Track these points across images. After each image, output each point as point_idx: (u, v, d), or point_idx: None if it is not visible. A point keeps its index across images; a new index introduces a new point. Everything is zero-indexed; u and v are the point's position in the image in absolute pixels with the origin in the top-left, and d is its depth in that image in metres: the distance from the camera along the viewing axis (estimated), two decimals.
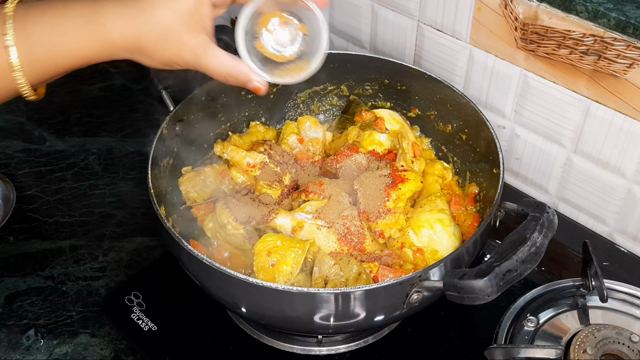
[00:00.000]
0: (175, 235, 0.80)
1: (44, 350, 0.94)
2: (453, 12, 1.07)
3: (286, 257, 0.85)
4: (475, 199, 1.00)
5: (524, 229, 0.77)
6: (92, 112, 1.37)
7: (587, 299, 0.92)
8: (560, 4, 0.93)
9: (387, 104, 1.13)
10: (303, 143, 1.09)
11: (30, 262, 1.06)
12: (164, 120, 0.96)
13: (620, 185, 1.01)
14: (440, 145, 1.10)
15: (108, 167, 1.25)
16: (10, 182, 1.17)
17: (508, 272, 0.72)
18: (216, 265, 0.76)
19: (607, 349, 0.83)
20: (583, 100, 0.98)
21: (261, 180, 1.00)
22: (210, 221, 0.97)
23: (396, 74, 1.09)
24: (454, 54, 1.12)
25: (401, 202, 0.93)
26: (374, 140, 1.04)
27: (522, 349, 0.83)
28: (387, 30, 1.21)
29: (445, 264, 0.77)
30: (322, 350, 0.91)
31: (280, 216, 0.92)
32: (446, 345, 0.93)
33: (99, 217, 1.15)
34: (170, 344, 0.91)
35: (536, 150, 1.09)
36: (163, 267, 1.02)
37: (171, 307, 0.95)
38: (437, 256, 0.90)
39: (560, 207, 1.12)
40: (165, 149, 0.96)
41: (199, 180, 1.01)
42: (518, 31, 1.00)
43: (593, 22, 0.90)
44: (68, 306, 1.00)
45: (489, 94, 1.11)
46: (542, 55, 0.99)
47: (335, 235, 0.90)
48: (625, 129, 0.95)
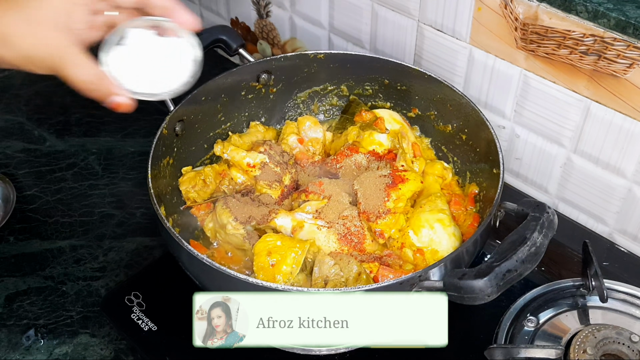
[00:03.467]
0: (175, 235, 0.80)
1: (44, 350, 0.94)
2: (453, 12, 1.07)
3: (286, 257, 0.85)
4: (475, 199, 1.00)
5: (524, 229, 0.77)
6: (92, 112, 1.37)
7: (587, 299, 0.92)
8: (560, 4, 0.93)
9: (387, 104, 1.13)
10: (303, 143, 1.09)
11: (30, 262, 1.06)
12: (164, 120, 0.96)
13: (620, 185, 1.01)
14: (440, 145, 1.10)
15: (108, 167, 1.25)
16: (10, 182, 1.17)
17: (508, 272, 0.72)
18: (216, 265, 0.76)
19: (607, 349, 0.83)
20: (583, 100, 0.98)
21: (261, 180, 1.00)
22: (210, 221, 0.97)
23: (396, 74, 1.09)
24: (454, 54, 1.12)
25: (401, 202, 0.93)
26: (374, 140, 1.04)
27: (522, 349, 0.83)
28: (387, 30, 1.21)
29: (445, 264, 0.77)
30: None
31: (280, 216, 0.92)
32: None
33: (99, 217, 1.15)
34: (170, 344, 0.91)
35: (536, 150, 1.09)
36: (163, 267, 1.02)
37: (171, 307, 0.95)
38: (437, 256, 0.90)
39: (560, 207, 1.12)
40: (165, 149, 0.96)
41: (199, 180, 1.01)
42: (518, 31, 1.00)
43: (593, 22, 0.90)
44: (68, 306, 1.00)
45: (489, 94, 1.11)
46: (542, 55, 0.99)
47: (335, 235, 0.90)
48: (625, 129, 0.95)
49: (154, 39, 0.75)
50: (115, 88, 0.72)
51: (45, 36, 0.68)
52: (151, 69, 0.75)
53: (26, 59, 0.69)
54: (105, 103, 0.72)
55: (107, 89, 0.71)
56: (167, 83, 0.76)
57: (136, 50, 0.74)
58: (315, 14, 1.29)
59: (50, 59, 0.69)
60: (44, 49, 0.68)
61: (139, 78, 0.75)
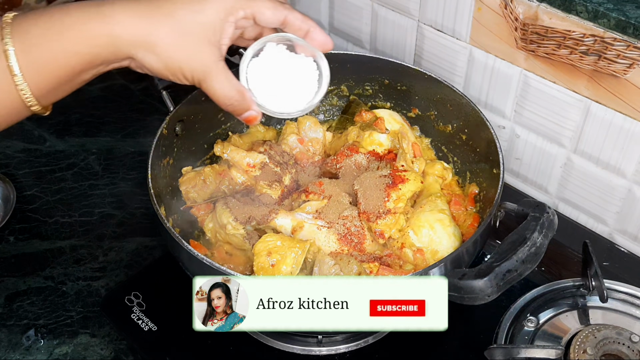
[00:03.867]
0: (175, 235, 0.80)
1: (44, 350, 0.94)
2: (453, 12, 1.07)
3: (286, 257, 0.85)
4: (475, 199, 1.00)
5: (524, 229, 0.77)
6: (92, 112, 1.37)
7: (587, 299, 0.92)
8: (560, 4, 0.93)
9: (387, 104, 1.13)
10: (303, 143, 1.09)
11: (30, 262, 1.06)
12: (164, 120, 0.96)
13: (620, 185, 1.01)
14: (440, 145, 1.10)
15: (108, 167, 1.25)
16: (10, 182, 1.17)
17: (508, 272, 0.72)
18: (216, 265, 0.76)
19: (607, 349, 0.83)
20: (583, 100, 0.98)
21: (261, 181, 1.00)
22: (210, 221, 0.97)
23: (396, 74, 1.09)
24: (454, 54, 1.12)
25: (401, 202, 0.93)
26: (374, 141, 1.04)
27: (522, 349, 0.83)
28: (387, 30, 1.21)
29: (445, 264, 0.77)
30: (322, 350, 0.91)
31: (280, 216, 0.92)
32: (446, 345, 0.93)
33: (99, 217, 1.15)
34: (170, 344, 0.91)
35: (536, 150, 1.09)
36: (163, 267, 1.02)
37: (171, 307, 0.95)
38: (437, 256, 0.90)
39: (560, 207, 1.12)
40: (165, 149, 0.96)
41: (199, 180, 1.01)
42: (518, 31, 1.00)
43: (593, 22, 0.90)
44: (68, 306, 1.00)
45: (489, 94, 1.11)
46: (542, 56, 0.99)
47: (335, 235, 0.90)
48: (625, 129, 0.95)
49: (288, 56, 0.77)
50: (253, 105, 0.74)
51: (197, 50, 0.68)
52: (283, 86, 0.77)
53: (172, 69, 0.69)
54: (239, 117, 0.75)
55: (247, 106, 0.74)
56: (296, 102, 0.79)
57: (271, 66, 0.76)
58: (316, 14, 1.29)
59: (196, 72, 0.69)
60: (192, 63, 0.69)
61: (271, 94, 0.77)
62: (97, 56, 0.67)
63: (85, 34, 0.66)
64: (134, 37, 0.66)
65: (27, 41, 0.64)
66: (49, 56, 0.65)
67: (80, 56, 0.66)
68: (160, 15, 0.66)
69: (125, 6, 0.66)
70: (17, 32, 0.64)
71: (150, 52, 0.67)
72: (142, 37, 0.66)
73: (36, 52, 0.65)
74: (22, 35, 0.64)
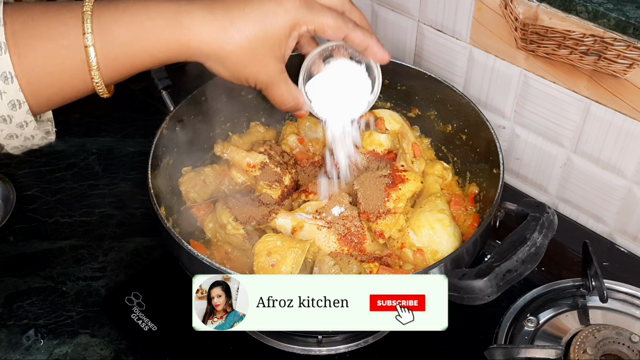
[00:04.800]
0: (175, 235, 0.80)
1: (44, 350, 0.94)
2: (453, 12, 1.07)
3: (286, 257, 0.85)
4: (475, 199, 1.00)
5: (524, 229, 0.77)
6: (92, 112, 1.37)
7: (587, 299, 0.92)
8: (560, 4, 0.93)
9: (387, 104, 1.13)
10: (303, 143, 1.09)
11: (30, 262, 1.06)
12: (164, 120, 0.96)
13: (620, 185, 1.01)
14: (440, 145, 1.10)
15: (108, 167, 1.25)
16: (10, 182, 1.17)
17: (508, 272, 0.72)
18: (216, 265, 0.76)
19: (607, 349, 0.83)
20: (583, 100, 0.98)
21: (261, 181, 1.00)
22: (210, 221, 0.97)
23: (396, 74, 1.09)
24: (454, 54, 1.12)
25: (401, 202, 0.93)
26: (374, 141, 1.04)
27: (522, 349, 0.83)
28: (387, 30, 1.21)
29: (445, 264, 0.77)
30: (322, 350, 0.91)
31: (280, 216, 0.92)
32: (446, 345, 0.93)
33: (99, 217, 1.15)
34: (170, 344, 0.91)
35: (536, 150, 1.09)
36: (163, 267, 1.02)
37: (171, 307, 0.95)
38: (437, 256, 0.90)
39: (560, 207, 1.12)
40: (165, 149, 0.96)
41: (199, 180, 1.01)
42: (518, 31, 1.00)
43: (593, 22, 0.90)
44: (68, 306, 1.00)
45: (489, 94, 1.11)
46: (542, 56, 0.99)
47: (335, 235, 0.90)
48: (625, 129, 0.95)
49: (346, 64, 0.82)
50: (305, 107, 0.82)
51: (264, 65, 0.73)
52: (337, 93, 0.83)
53: (238, 78, 0.75)
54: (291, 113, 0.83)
55: (300, 107, 0.82)
56: (346, 109, 0.85)
57: (329, 73, 0.82)
58: None
59: (260, 82, 0.75)
60: (258, 75, 0.74)
61: (325, 100, 0.83)
62: (169, 59, 0.72)
63: (163, 41, 0.69)
64: (207, 49, 0.71)
65: (107, 39, 0.67)
66: (125, 56, 0.69)
67: (155, 58, 0.71)
68: (233, 30, 0.70)
69: (203, 18, 0.70)
70: (98, 28, 0.67)
71: (219, 64, 0.72)
72: (215, 51, 0.71)
73: (115, 50, 0.68)
74: (103, 32, 0.67)
